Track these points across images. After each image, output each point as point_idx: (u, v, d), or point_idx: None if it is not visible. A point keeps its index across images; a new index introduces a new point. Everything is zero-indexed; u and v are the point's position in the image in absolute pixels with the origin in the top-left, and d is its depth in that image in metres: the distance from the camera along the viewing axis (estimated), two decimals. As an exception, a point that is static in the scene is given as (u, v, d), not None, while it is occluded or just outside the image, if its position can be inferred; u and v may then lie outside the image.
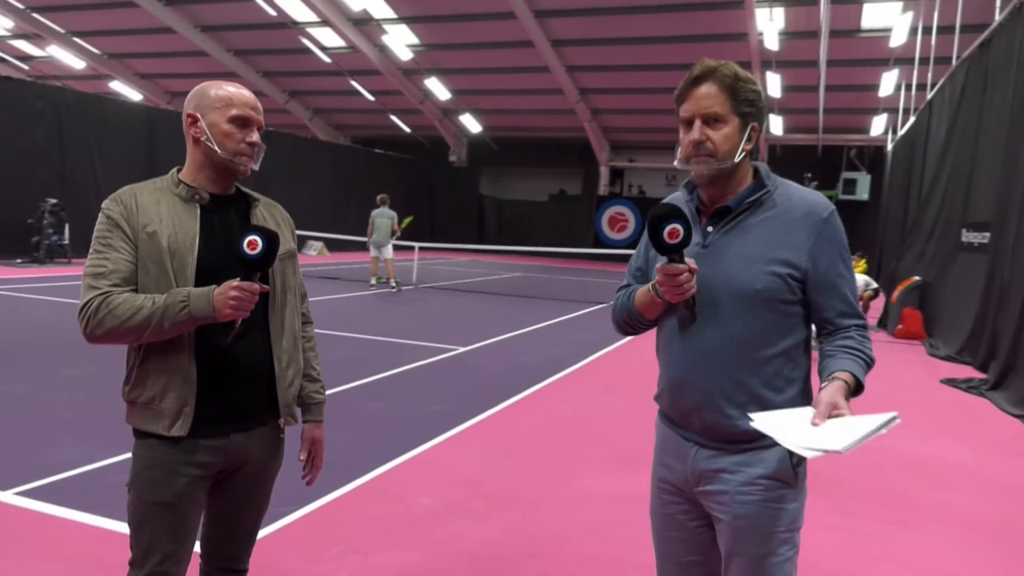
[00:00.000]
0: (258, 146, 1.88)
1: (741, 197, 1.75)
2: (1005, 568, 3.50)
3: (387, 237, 13.79)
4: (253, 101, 1.89)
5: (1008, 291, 7.55)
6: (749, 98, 1.72)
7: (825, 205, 1.75)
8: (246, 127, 1.86)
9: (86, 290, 1.78)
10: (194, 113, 1.85)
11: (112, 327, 1.74)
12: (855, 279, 1.80)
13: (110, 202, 1.84)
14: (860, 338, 1.73)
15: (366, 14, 20.96)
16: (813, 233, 1.70)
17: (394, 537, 3.43)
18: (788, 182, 1.81)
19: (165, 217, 1.82)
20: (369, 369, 6.81)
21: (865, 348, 1.72)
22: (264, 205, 2.01)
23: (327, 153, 25.39)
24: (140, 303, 1.74)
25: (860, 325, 1.75)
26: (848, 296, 1.75)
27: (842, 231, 1.76)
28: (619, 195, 28.70)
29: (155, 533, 1.82)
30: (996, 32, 9.20)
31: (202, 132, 1.84)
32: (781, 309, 1.71)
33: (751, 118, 1.73)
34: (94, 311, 1.75)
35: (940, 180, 11.48)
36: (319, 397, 2.14)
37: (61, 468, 3.99)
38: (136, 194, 1.85)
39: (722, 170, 1.73)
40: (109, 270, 1.78)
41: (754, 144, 1.76)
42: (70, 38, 25.21)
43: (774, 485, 1.69)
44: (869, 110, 21.70)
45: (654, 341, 1.96)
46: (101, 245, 1.81)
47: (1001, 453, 5.38)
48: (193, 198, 1.86)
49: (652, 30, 19.72)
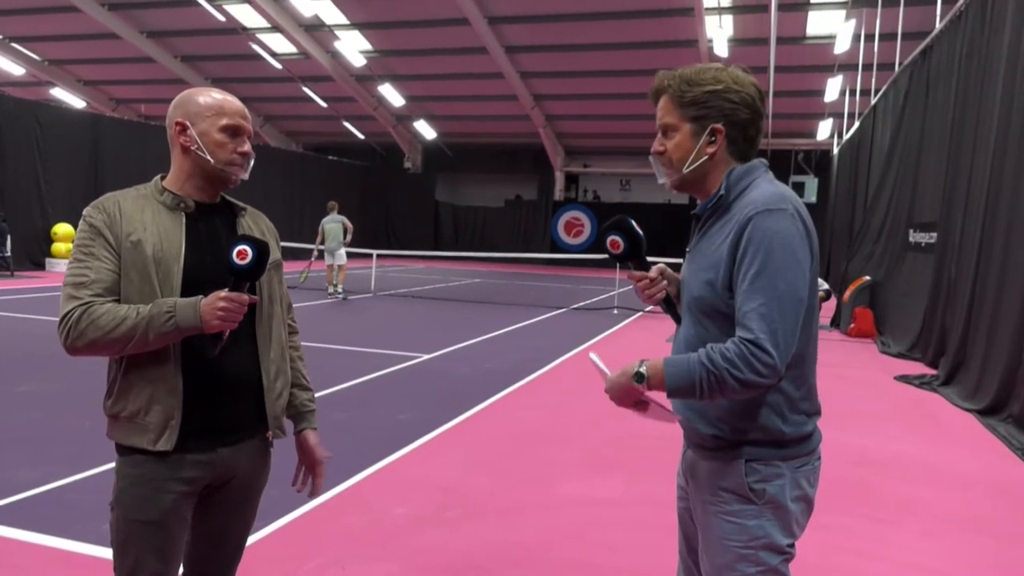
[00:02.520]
0: (249, 155, 1.85)
1: (705, 203, 1.73)
2: (974, 557, 3.60)
3: (338, 243, 13.69)
4: (243, 109, 1.86)
5: (955, 289, 7.81)
6: (699, 100, 1.66)
7: (760, 203, 1.60)
8: (237, 136, 1.83)
9: (66, 300, 1.71)
10: (183, 121, 1.80)
11: (94, 338, 1.68)
12: (772, 288, 1.54)
13: (92, 209, 1.78)
14: (724, 346, 1.55)
15: (318, 20, 20.75)
16: (737, 235, 1.60)
17: (371, 548, 3.38)
18: (763, 182, 1.68)
19: (150, 225, 1.76)
20: (333, 379, 6.71)
21: (713, 353, 1.54)
22: (250, 214, 1.98)
23: (279, 160, 25.00)
24: (124, 314, 1.68)
25: (744, 338, 1.53)
26: (745, 306, 1.55)
27: (768, 232, 1.56)
28: (574, 200, 28.92)
29: (141, 552, 1.75)
30: (937, 39, 9.54)
31: (192, 141, 1.79)
32: (720, 316, 1.65)
33: (708, 119, 1.67)
34: (75, 322, 1.68)
35: (887, 182, 11.84)
36: (312, 405, 2.12)
37: (18, 489, 3.82)
38: (119, 201, 1.79)
39: (683, 178, 1.72)
40: (91, 279, 1.71)
41: (719, 145, 1.68)
42: (8, 44, 24.38)
43: (732, 498, 1.67)
44: (815, 115, 22.29)
45: (613, 347, 2.00)
46: (83, 254, 1.74)
47: (958, 447, 5.55)
48: (178, 206, 1.82)
49: (604, 37, 19.95)
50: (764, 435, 1.65)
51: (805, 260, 1.59)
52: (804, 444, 1.69)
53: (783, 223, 1.57)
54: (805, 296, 1.59)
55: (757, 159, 1.74)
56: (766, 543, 1.64)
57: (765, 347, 1.51)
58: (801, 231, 1.60)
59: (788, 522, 1.66)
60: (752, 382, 1.52)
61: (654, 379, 1.59)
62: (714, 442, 1.69)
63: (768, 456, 1.65)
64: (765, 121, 1.77)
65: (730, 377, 1.52)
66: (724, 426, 1.67)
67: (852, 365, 8.71)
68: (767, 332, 1.52)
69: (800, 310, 1.58)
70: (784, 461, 1.66)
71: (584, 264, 24.01)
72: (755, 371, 1.51)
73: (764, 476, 1.64)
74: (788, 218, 1.58)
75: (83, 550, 3.18)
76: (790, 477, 1.66)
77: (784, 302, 1.53)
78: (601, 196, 28.92)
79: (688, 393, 1.58)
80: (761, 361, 1.51)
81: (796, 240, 1.58)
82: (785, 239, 1.56)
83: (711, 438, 1.70)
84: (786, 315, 1.54)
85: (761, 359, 1.51)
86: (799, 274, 1.57)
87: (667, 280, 1.85)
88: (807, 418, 1.69)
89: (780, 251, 1.55)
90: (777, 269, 1.54)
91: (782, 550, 1.66)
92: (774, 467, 1.65)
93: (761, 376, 1.52)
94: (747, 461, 1.65)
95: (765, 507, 1.65)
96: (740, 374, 1.52)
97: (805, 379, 1.69)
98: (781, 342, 1.52)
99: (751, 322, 1.53)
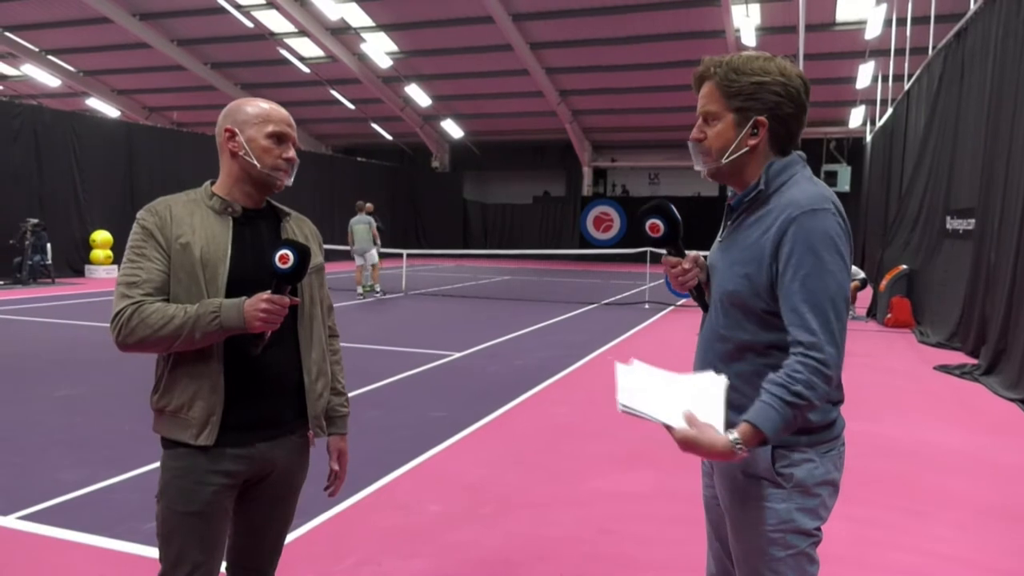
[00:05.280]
0: (294, 162, 1.92)
1: (742, 195, 1.73)
2: (1012, 550, 3.53)
3: (368, 243, 13.76)
4: (288, 118, 1.93)
5: (995, 275, 7.64)
6: (745, 91, 1.64)
7: (803, 203, 1.60)
8: (282, 143, 1.90)
9: (119, 299, 1.79)
10: (232, 128, 1.88)
11: (144, 336, 1.75)
12: (824, 288, 1.56)
13: (145, 212, 1.86)
14: (792, 368, 1.55)
15: (344, 23, 20.94)
16: (779, 234, 1.59)
17: (406, 545, 3.41)
18: (802, 179, 1.68)
19: (198, 228, 1.84)
20: (366, 378, 6.78)
21: (791, 384, 1.53)
22: (294, 219, 2.04)
23: (309, 163, 25.26)
24: (172, 313, 1.75)
25: (804, 345, 1.54)
26: (801, 308, 1.56)
27: (816, 233, 1.57)
28: (603, 195, 28.81)
29: (184, 543, 1.82)
30: (972, 21, 9.32)
31: (240, 147, 1.87)
32: (755, 313, 1.65)
33: (752, 111, 1.65)
34: (127, 320, 1.76)
35: (922, 169, 11.60)
36: (343, 410, 2.16)
37: (62, 490, 3.93)
38: (171, 205, 1.87)
39: (719, 167, 1.72)
40: (142, 279, 1.79)
41: (761, 138, 1.67)
42: (44, 56, 24.98)
43: (760, 483, 1.67)
44: (847, 102, 21.94)
45: (646, 342, 1.99)
46: (135, 255, 1.82)
47: (1000, 437, 5.43)
48: (226, 211, 1.89)
49: (629, 30, 19.83)
50: None
51: (848, 256, 1.62)
52: (829, 430, 1.70)
53: (829, 223, 1.59)
54: (849, 293, 1.61)
55: (795, 152, 1.73)
56: (794, 527, 1.66)
57: (828, 349, 1.55)
58: (844, 228, 1.62)
59: (815, 506, 1.67)
60: (825, 388, 1.56)
61: (749, 439, 1.56)
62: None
63: (795, 442, 1.66)
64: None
65: (814, 396, 1.55)
66: None
67: (890, 355, 8.56)
68: (826, 333, 1.55)
69: (848, 303, 1.61)
70: (811, 447, 1.67)
71: (614, 259, 23.93)
72: (825, 377, 1.55)
73: (792, 461, 1.65)
74: (831, 217, 1.60)
75: (129, 549, 3.26)
76: (818, 461, 1.67)
77: (837, 302, 1.57)
78: (630, 190, 28.78)
79: (785, 432, 1.58)
80: (828, 364, 1.55)
81: (842, 240, 1.60)
82: (833, 240, 1.58)
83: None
84: (840, 314, 1.58)
85: (828, 362, 1.55)
86: (845, 271, 1.60)
87: (699, 268, 1.85)
88: (832, 406, 1.70)
89: (829, 252, 1.57)
90: (828, 271, 1.57)
91: (810, 533, 1.67)
92: (801, 452, 1.66)
93: (830, 380, 1.56)
94: (775, 447, 1.65)
95: (793, 491, 1.66)
96: (818, 388, 1.54)
97: None
98: (839, 340, 1.57)
99: (811, 323, 1.55)
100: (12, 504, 3.72)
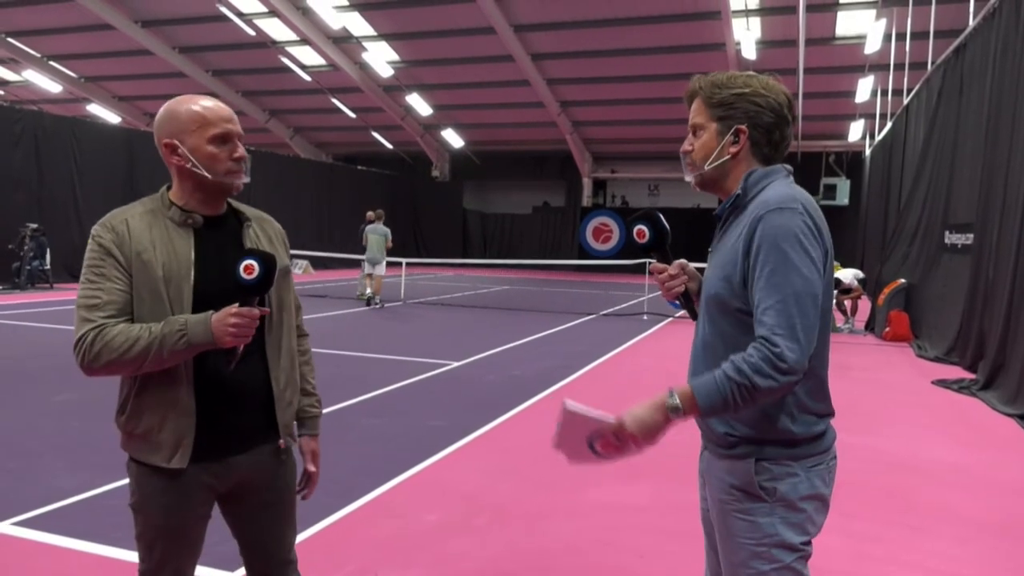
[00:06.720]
0: (244, 159, 1.81)
1: (725, 203, 1.78)
2: (1012, 567, 3.52)
3: (380, 253, 13.74)
4: (228, 113, 1.80)
5: (994, 290, 7.65)
6: (726, 101, 1.71)
7: (772, 202, 1.62)
8: (227, 142, 1.78)
9: (80, 323, 1.71)
10: (171, 141, 1.76)
11: (109, 360, 1.69)
12: (787, 284, 1.55)
13: (100, 228, 1.76)
14: (747, 352, 1.55)
15: (345, 32, 20.99)
16: (750, 233, 1.62)
17: (402, 555, 3.40)
18: (779, 183, 1.70)
19: (159, 243, 1.75)
20: (364, 386, 6.77)
21: (739, 363, 1.54)
22: (256, 221, 1.95)
23: (309, 171, 25.33)
24: (136, 334, 1.68)
25: (763, 337, 1.54)
26: (764, 303, 1.56)
27: (781, 230, 1.57)
28: (602, 206, 28.84)
29: (165, 551, 1.83)
30: (971, 36, 9.37)
31: (186, 159, 1.75)
32: (736, 316, 1.67)
33: (733, 120, 1.71)
34: (89, 345, 1.69)
35: (920, 183, 11.64)
36: (313, 411, 2.11)
37: (58, 496, 3.92)
38: (127, 219, 1.77)
39: (703, 175, 1.78)
40: (103, 301, 1.71)
41: (742, 145, 1.72)
42: (46, 62, 25.03)
43: (743, 496, 1.69)
44: (846, 116, 22.01)
45: (644, 353, 2.00)
46: (94, 275, 1.72)
47: (998, 452, 5.42)
48: (186, 222, 1.80)
49: (630, 42, 19.90)
50: (774, 434, 1.67)
51: (818, 256, 1.60)
52: (816, 444, 1.69)
53: (795, 221, 1.59)
54: (821, 291, 1.59)
55: (779, 164, 1.76)
56: (778, 541, 1.66)
57: (786, 343, 1.52)
58: (811, 226, 1.61)
59: (800, 520, 1.67)
60: (779, 380, 1.53)
61: (687, 405, 1.58)
62: (726, 440, 1.72)
63: (778, 455, 1.66)
64: (795, 126, 1.79)
65: (759, 380, 1.52)
66: (736, 424, 1.69)
67: (888, 369, 8.56)
68: (787, 327, 1.53)
69: (818, 304, 1.58)
70: (795, 460, 1.67)
71: (613, 270, 23.94)
72: (779, 369, 1.52)
73: (775, 475, 1.66)
74: (798, 216, 1.60)
75: (125, 556, 3.24)
76: (802, 476, 1.67)
77: (802, 297, 1.55)
78: (629, 201, 28.81)
79: (722, 409, 1.58)
80: (783, 358, 1.52)
81: (809, 239, 1.59)
82: (798, 237, 1.58)
83: (723, 436, 1.72)
84: (805, 309, 1.55)
85: (783, 355, 1.52)
86: (813, 269, 1.58)
87: (688, 275, 1.90)
88: (818, 419, 1.69)
89: (794, 249, 1.57)
90: (792, 265, 1.56)
91: (796, 548, 1.67)
92: (785, 466, 1.66)
93: (787, 373, 1.53)
94: (757, 460, 1.67)
95: (776, 505, 1.66)
96: (766, 375, 1.52)
97: (815, 380, 1.68)
98: (802, 336, 1.53)
99: (770, 318, 1.54)
100: (8, 510, 3.70)
